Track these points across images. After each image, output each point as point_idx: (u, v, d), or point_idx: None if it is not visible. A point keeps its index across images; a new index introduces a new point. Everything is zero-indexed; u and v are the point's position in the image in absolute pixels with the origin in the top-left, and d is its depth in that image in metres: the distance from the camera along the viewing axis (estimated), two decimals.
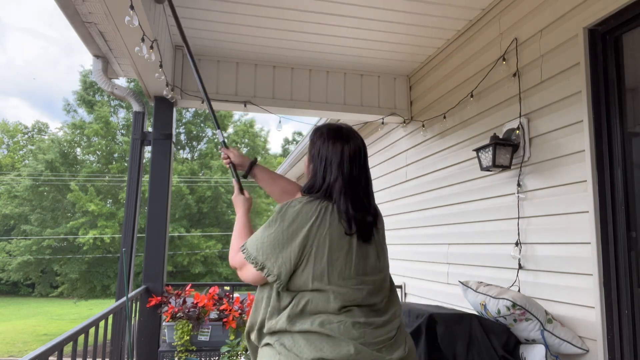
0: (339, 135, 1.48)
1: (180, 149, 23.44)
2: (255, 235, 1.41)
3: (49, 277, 22.11)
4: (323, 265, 1.32)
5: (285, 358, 1.28)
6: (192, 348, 3.31)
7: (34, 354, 1.53)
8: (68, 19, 2.93)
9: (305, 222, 1.33)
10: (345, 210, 1.36)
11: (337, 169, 1.41)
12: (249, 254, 1.38)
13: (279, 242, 1.34)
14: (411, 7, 3.03)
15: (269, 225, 1.38)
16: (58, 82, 71.94)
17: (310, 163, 1.49)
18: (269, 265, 1.33)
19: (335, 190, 1.39)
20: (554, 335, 2.17)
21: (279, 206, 1.40)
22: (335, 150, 1.43)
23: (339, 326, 1.29)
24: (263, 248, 1.35)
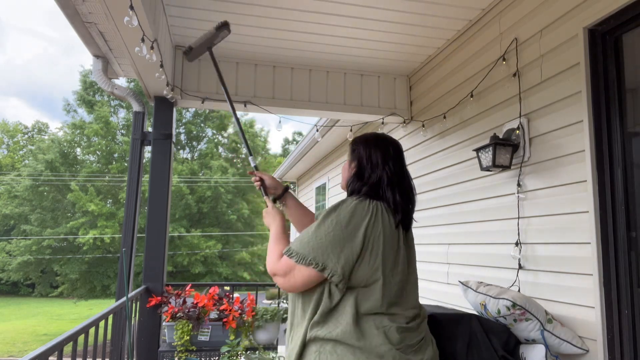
0: (381, 140, 1.62)
1: (180, 149, 23.44)
2: (305, 237, 1.42)
3: (49, 277, 22.11)
4: (378, 262, 1.39)
5: None
6: (192, 348, 3.31)
7: (34, 354, 1.53)
8: (68, 19, 2.93)
9: (362, 220, 1.40)
10: (393, 200, 1.48)
11: (383, 168, 1.53)
12: (302, 256, 1.39)
13: (339, 240, 1.38)
14: (411, 7, 3.03)
15: (321, 225, 1.41)
16: (57, 82, 71.98)
17: (353, 167, 1.60)
18: (331, 264, 1.36)
19: (383, 185, 1.50)
20: (554, 335, 2.17)
21: (331, 207, 1.45)
22: (379, 152, 1.56)
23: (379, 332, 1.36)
24: (322, 248, 1.38)
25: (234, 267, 21.58)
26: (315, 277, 1.38)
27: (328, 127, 5.55)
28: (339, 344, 1.34)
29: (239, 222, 21.88)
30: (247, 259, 21.66)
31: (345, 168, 1.65)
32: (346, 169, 1.65)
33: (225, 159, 23.04)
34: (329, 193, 7.27)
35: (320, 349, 1.36)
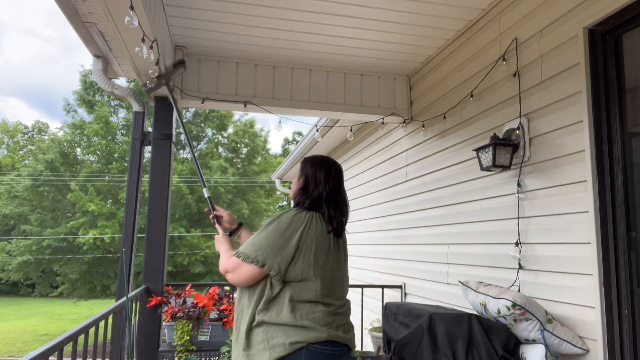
0: (326, 162, 1.97)
1: (180, 149, 23.44)
2: (251, 241, 1.77)
3: (49, 277, 22.10)
4: (310, 261, 1.74)
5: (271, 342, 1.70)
6: (192, 348, 3.31)
7: (34, 354, 1.53)
8: (68, 19, 2.92)
9: (298, 228, 1.75)
10: (328, 212, 1.83)
11: (324, 186, 1.87)
12: (246, 256, 1.74)
13: (277, 243, 1.73)
14: (411, 7, 3.03)
15: (264, 230, 1.76)
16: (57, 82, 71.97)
17: (301, 182, 1.93)
18: (270, 262, 1.72)
19: (323, 199, 1.85)
20: (554, 335, 2.17)
21: (274, 215, 1.80)
22: (323, 172, 1.90)
23: (318, 316, 1.73)
24: (263, 249, 1.73)
25: None
26: (257, 272, 1.73)
27: (328, 127, 5.55)
28: (281, 326, 1.70)
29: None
30: None
31: (294, 181, 2.00)
32: (294, 182, 1.99)
33: (225, 158, 23.03)
34: None
35: (267, 329, 1.71)
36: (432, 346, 2.18)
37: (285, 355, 1.67)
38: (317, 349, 1.70)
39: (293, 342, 1.67)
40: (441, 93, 3.62)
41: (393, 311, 2.62)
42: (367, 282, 5.05)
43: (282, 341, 1.67)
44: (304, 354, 1.68)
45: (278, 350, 1.67)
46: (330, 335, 1.72)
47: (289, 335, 1.68)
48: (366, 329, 4.07)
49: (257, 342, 1.71)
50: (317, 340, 1.70)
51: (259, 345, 1.70)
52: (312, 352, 1.69)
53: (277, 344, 1.68)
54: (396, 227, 4.47)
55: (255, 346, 1.71)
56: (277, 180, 10.10)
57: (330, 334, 1.72)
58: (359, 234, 5.67)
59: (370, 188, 5.30)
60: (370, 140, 5.34)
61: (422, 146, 3.93)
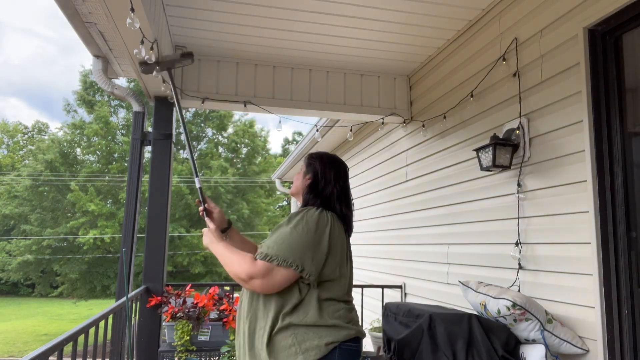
0: (334, 160, 1.92)
1: (180, 149, 23.44)
2: (280, 241, 1.63)
3: (49, 277, 22.09)
4: (337, 261, 1.70)
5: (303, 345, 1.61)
6: (192, 348, 3.31)
7: (34, 354, 1.53)
8: (68, 19, 2.93)
9: (325, 227, 1.68)
10: (341, 211, 1.80)
11: (334, 184, 1.83)
12: (283, 259, 1.59)
13: (311, 245, 1.63)
14: (411, 7, 3.03)
15: (293, 232, 1.64)
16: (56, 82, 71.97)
17: (309, 178, 1.87)
18: (308, 265, 1.61)
19: (334, 198, 1.81)
20: (554, 335, 2.17)
21: (299, 214, 1.69)
22: (333, 170, 1.86)
23: (343, 313, 1.69)
24: (299, 251, 1.61)
25: None
26: (293, 277, 1.61)
27: (328, 127, 5.55)
28: (312, 327, 1.62)
29: (239, 222, 21.85)
30: None
31: (299, 177, 1.92)
32: (299, 178, 1.91)
33: (225, 159, 23.02)
34: None
35: (295, 332, 1.61)
36: (432, 346, 2.18)
37: (320, 358, 1.60)
38: (348, 347, 1.67)
39: (328, 342, 1.61)
40: (441, 93, 3.62)
41: (393, 311, 2.62)
42: (367, 282, 5.05)
43: (316, 343, 1.60)
44: (337, 354, 1.64)
45: (313, 353, 1.59)
46: (356, 331, 1.71)
47: (322, 337, 1.62)
48: (366, 329, 4.07)
49: (284, 347, 1.60)
50: (348, 338, 1.67)
51: (288, 350, 1.60)
52: (344, 350, 1.66)
53: (310, 346, 1.60)
54: (396, 227, 4.47)
55: (282, 351, 1.61)
56: (277, 180, 10.10)
57: (356, 330, 1.72)
58: (359, 233, 5.68)
59: (370, 188, 5.30)
60: (370, 140, 5.34)
61: (422, 146, 3.93)
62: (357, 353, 1.71)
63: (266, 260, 1.59)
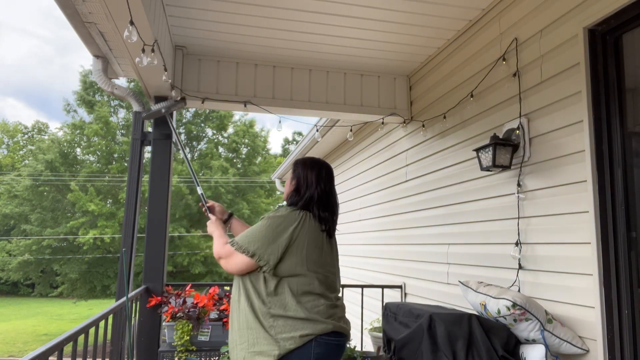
0: (316, 163, 2.05)
1: (180, 149, 23.41)
2: (245, 233, 1.89)
3: (49, 277, 22.09)
4: (302, 256, 1.84)
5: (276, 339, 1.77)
6: (192, 348, 3.31)
7: (34, 354, 1.53)
8: (68, 19, 2.92)
9: (290, 225, 1.85)
10: (319, 213, 1.93)
11: (315, 187, 1.97)
12: (239, 246, 1.85)
13: (268, 237, 1.83)
14: (411, 7, 3.03)
15: (259, 225, 1.87)
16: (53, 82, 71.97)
17: (293, 184, 2.02)
18: (260, 253, 1.82)
19: (314, 200, 1.95)
20: (554, 335, 2.17)
21: (270, 213, 1.90)
22: (314, 174, 1.99)
23: (322, 309, 1.83)
24: (254, 241, 1.84)
25: None
26: (247, 262, 1.83)
27: (328, 127, 5.55)
28: (289, 319, 1.78)
29: None
30: None
31: (287, 184, 2.08)
32: (288, 184, 2.07)
33: (225, 159, 23.03)
34: None
35: (274, 323, 1.78)
36: (432, 346, 2.18)
37: (295, 348, 1.74)
38: (325, 340, 1.79)
39: (303, 334, 1.75)
40: (441, 93, 3.62)
41: (393, 311, 2.62)
42: (367, 282, 5.05)
43: (291, 334, 1.74)
44: (313, 346, 1.77)
45: (288, 343, 1.74)
46: (335, 326, 1.82)
47: (297, 329, 1.75)
48: (366, 329, 4.07)
49: (263, 336, 1.76)
50: (324, 332, 1.79)
51: (267, 339, 1.75)
52: (320, 343, 1.78)
53: (287, 337, 1.74)
54: (396, 227, 4.47)
55: (261, 340, 1.76)
56: (277, 180, 10.10)
57: (334, 325, 1.82)
58: (359, 233, 5.67)
59: (370, 188, 5.30)
60: (370, 140, 5.34)
61: (422, 146, 3.93)
62: (338, 347, 1.84)
63: (230, 245, 1.89)
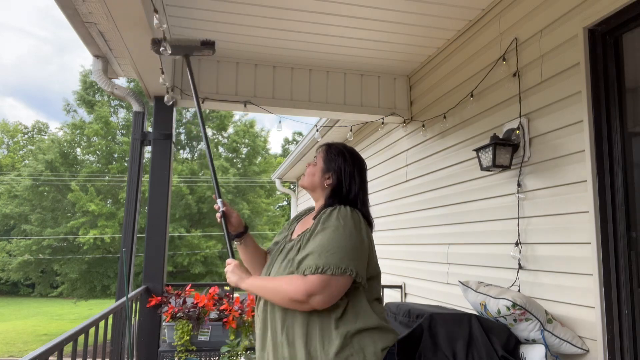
0: (356, 156, 1.76)
1: (180, 149, 23.43)
2: (325, 249, 1.46)
3: (49, 277, 22.09)
4: (374, 259, 1.60)
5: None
6: (192, 348, 3.31)
7: (34, 354, 1.53)
8: (68, 19, 2.92)
9: (362, 226, 1.55)
10: (367, 211, 1.66)
11: (360, 185, 1.69)
12: (337, 267, 1.43)
13: (356, 246, 1.49)
14: (411, 7, 3.03)
15: (335, 235, 1.47)
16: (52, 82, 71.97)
17: (330, 177, 1.70)
18: (359, 268, 1.47)
19: (360, 197, 1.67)
20: (554, 335, 2.17)
21: (332, 217, 1.52)
22: (357, 169, 1.71)
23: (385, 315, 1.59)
24: (349, 255, 1.46)
25: None
26: (349, 284, 1.46)
27: (328, 127, 5.54)
28: (365, 331, 1.48)
29: None
30: None
31: (315, 171, 1.72)
32: (316, 172, 1.72)
33: (225, 159, 23.03)
34: None
35: (352, 340, 1.46)
36: (432, 346, 2.18)
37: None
38: (393, 351, 1.54)
39: (383, 347, 1.48)
40: (441, 93, 3.62)
41: (393, 311, 2.62)
42: None
43: (372, 350, 1.46)
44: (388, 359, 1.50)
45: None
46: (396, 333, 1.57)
47: (376, 341, 1.48)
48: None
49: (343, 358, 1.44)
50: (394, 342, 1.54)
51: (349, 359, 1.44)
52: (392, 354, 1.53)
53: (369, 353, 1.45)
54: (396, 227, 4.47)
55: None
56: (277, 181, 10.09)
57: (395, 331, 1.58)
58: None
59: (370, 188, 5.28)
60: (370, 140, 5.34)
61: (422, 146, 3.93)
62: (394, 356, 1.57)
63: (320, 273, 1.42)
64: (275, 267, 1.63)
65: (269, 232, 24.50)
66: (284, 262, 1.59)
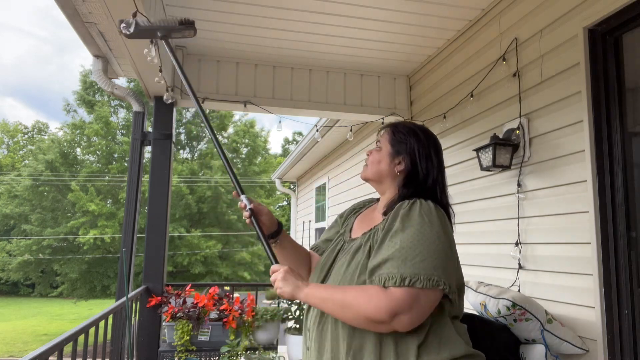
0: (431, 134, 1.41)
1: (180, 149, 23.44)
2: (408, 253, 1.15)
3: (49, 277, 22.11)
4: (459, 266, 1.27)
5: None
6: (192, 348, 3.31)
7: (34, 354, 1.53)
8: (68, 19, 2.92)
9: (447, 225, 1.24)
10: (447, 202, 1.36)
11: (439, 169, 1.37)
12: (427, 278, 1.12)
13: (446, 252, 1.18)
14: (411, 7, 3.03)
15: (419, 236, 1.17)
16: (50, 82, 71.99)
17: (401, 162, 1.37)
18: (452, 278, 1.17)
19: (439, 185, 1.35)
20: (554, 335, 2.17)
21: (412, 212, 1.21)
22: (432, 150, 1.38)
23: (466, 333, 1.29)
24: (440, 264, 1.15)
25: (234, 267, 21.58)
26: (438, 300, 1.16)
27: (328, 127, 5.55)
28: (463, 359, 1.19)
29: (239, 222, 21.87)
30: (247, 259, 21.66)
31: (380, 157, 1.40)
32: (380, 158, 1.40)
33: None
34: (329, 193, 7.28)
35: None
36: None
37: None
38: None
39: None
40: (441, 93, 3.62)
41: None
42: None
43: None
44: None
45: None
46: None
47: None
48: None
49: None
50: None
51: None
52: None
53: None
54: None
55: None
56: (277, 181, 10.10)
57: None
58: None
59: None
60: (370, 140, 5.33)
61: None
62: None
63: (407, 286, 1.11)
64: (336, 273, 1.30)
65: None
66: (350, 266, 1.27)
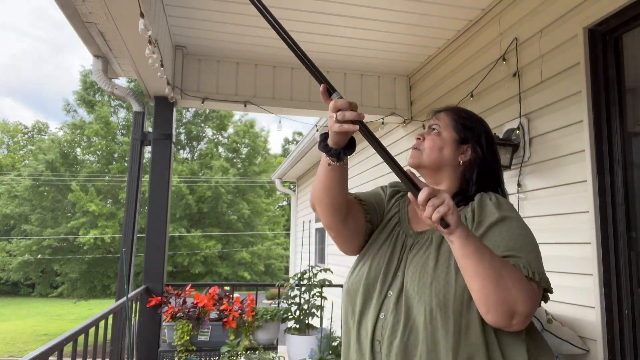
0: (485, 122, 1.29)
1: (180, 149, 23.44)
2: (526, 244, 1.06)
3: (49, 277, 22.11)
4: None
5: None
6: (192, 348, 3.31)
7: (34, 354, 1.53)
8: (68, 19, 2.92)
9: None
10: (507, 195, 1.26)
11: (499, 161, 1.29)
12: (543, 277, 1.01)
13: (538, 247, 1.08)
14: (411, 7, 3.03)
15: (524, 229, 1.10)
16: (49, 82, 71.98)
17: (468, 150, 1.22)
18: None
19: (502, 178, 1.25)
20: (554, 336, 2.16)
21: (501, 200, 1.14)
22: (491, 139, 1.27)
23: None
24: (541, 261, 1.05)
25: (234, 267, 21.60)
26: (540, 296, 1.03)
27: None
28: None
29: (239, 222, 21.88)
30: (247, 259, 21.66)
31: (441, 143, 1.22)
32: (442, 144, 1.22)
33: (225, 159, 23.04)
34: None
35: None
36: None
37: None
38: None
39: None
40: (441, 93, 3.62)
41: None
42: None
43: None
44: None
45: None
46: None
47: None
48: None
49: None
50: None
51: None
52: None
53: None
54: None
55: None
56: (277, 181, 10.10)
57: None
58: None
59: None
60: None
61: None
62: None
63: (537, 281, 0.99)
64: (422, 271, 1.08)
65: (269, 233, 24.50)
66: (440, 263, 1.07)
